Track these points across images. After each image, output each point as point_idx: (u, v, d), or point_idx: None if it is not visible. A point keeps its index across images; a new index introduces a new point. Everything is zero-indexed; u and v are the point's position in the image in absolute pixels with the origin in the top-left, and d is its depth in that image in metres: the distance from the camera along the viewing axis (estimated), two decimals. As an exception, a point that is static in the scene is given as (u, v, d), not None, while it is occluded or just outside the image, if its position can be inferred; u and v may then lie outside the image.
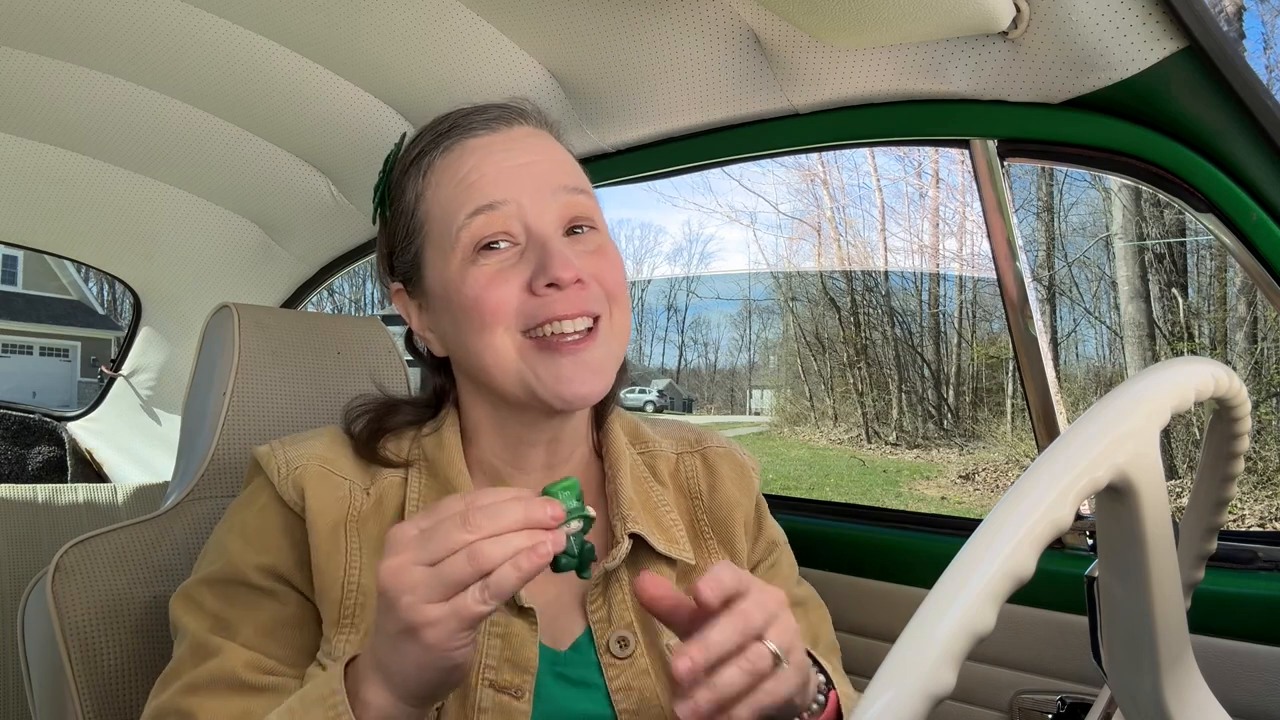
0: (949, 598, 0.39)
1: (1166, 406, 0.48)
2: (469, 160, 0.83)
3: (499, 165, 0.83)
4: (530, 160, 0.84)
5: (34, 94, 1.54)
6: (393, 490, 0.85)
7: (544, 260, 0.79)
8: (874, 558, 1.33)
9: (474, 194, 0.81)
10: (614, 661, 0.82)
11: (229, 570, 0.81)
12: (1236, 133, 0.97)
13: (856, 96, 1.25)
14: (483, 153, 0.84)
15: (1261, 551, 1.05)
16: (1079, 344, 13.09)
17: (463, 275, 0.81)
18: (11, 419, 2.50)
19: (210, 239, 2.13)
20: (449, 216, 0.82)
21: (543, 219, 0.81)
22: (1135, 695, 0.55)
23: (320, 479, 0.83)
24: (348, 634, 0.78)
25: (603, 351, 0.83)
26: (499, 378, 0.82)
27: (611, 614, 0.84)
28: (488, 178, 0.82)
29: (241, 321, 1.15)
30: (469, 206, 0.81)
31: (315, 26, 1.34)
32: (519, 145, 0.85)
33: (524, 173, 0.82)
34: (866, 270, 15.70)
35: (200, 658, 0.78)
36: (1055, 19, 0.99)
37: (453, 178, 0.83)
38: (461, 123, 0.86)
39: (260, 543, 0.82)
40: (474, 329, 0.81)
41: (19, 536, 1.92)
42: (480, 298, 0.80)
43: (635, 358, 23.13)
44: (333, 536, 0.81)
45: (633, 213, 24.43)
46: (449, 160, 0.84)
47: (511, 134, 0.86)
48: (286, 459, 0.85)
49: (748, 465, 1.00)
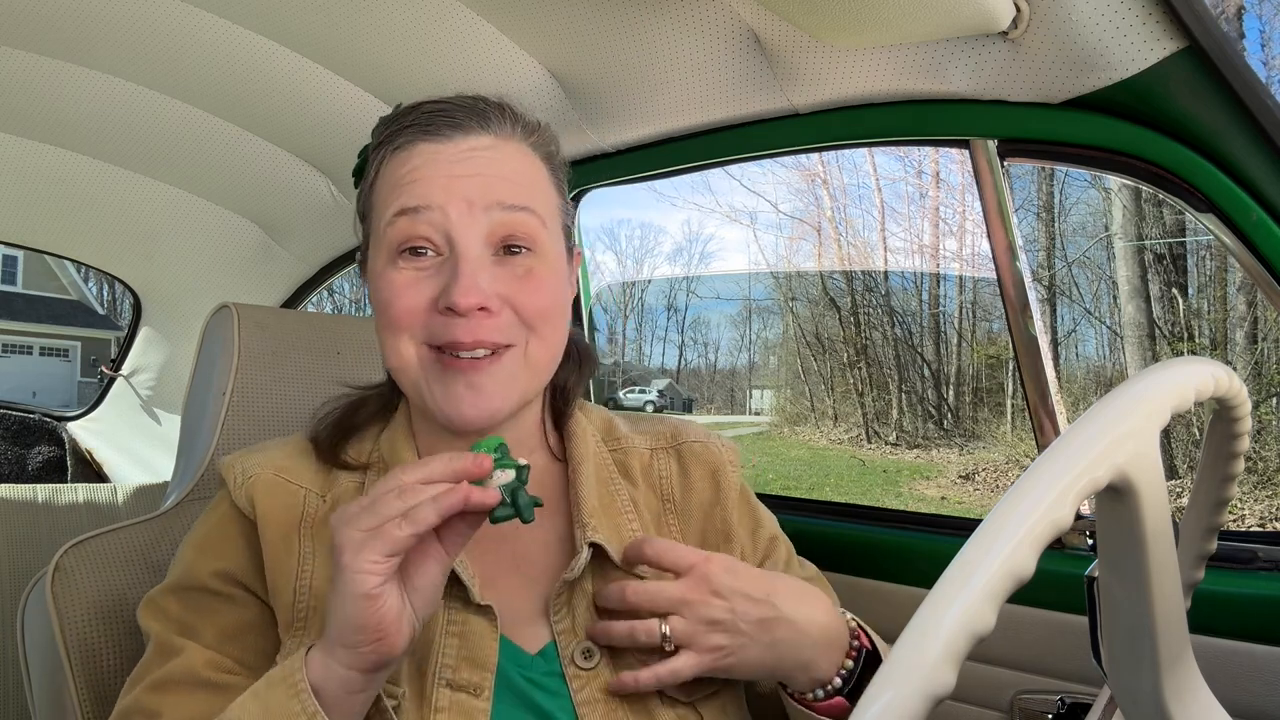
0: (949, 598, 0.39)
1: (1166, 406, 0.48)
2: (414, 160, 0.81)
3: (438, 172, 0.80)
4: (473, 173, 0.80)
5: (34, 94, 1.54)
6: (348, 495, 0.85)
7: (450, 281, 0.77)
8: (874, 558, 1.33)
9: (404, 195, 0.80)
10: (578, 673, 0.80)
11: (188, 578, 0.83)
12: (1236, 133, 0.97)
13: (856, 96, 1.25)
14: (429, 156, 0.81)
15: (1261, 551, 1.05)
16: (1079, 344, 13.09)
17: (382, 274, 0.81)
18: (11, 419, 2.50)
19: (210, 239, 2.13)
20: (381, 212, 0.82)
21: (466, 234, 0.78)
22: (1135, 695, 0.55)
23: (272, 487, 0.84)
24: (300, 636, 0.78)
25: (503, 378, 0.80)
26: (404, 382, 0.83)
27: (575, 624, 0.82)
28: (422, 182, 0.80)
29: (241, 321, 1.15)
30: (395, 206, 0.80)
31: (315, 26, 1.34)
32: (470, 156, 0.81)
33: (461, 184, 0.79)
34: (866, 270, 15.70)
35: (164, 657, 0.79)
36: (1055, 19, 0.99)
37: (394, 174, 0.82)
38: (422, 120, 0.82)
39: (217, 550, 0.83)
40: (384, 330, 0.81)
41: (19, 536, 1.92)
42: (390, 302, 0.79)
43: (635, 358, 23.12)
44: (284, 542, 0.81)
45: (633, 213, 24.54)
46: (398, 157, 0.82)
47: (467, 143, 0.81)
48: (243, 468, 0.86)
49: (723, 461, 0.96)
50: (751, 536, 0.96)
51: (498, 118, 0.84)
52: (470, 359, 0.78)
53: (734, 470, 0.97)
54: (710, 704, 0.84)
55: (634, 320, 23.95)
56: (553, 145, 0.90)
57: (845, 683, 0.83)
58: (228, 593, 0.82)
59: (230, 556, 0.83)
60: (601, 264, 25.66)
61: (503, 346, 0.79)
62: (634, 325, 23.83)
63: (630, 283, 24.57)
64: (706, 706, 0.83)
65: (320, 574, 0.80)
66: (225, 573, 0.82)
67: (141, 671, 0.80)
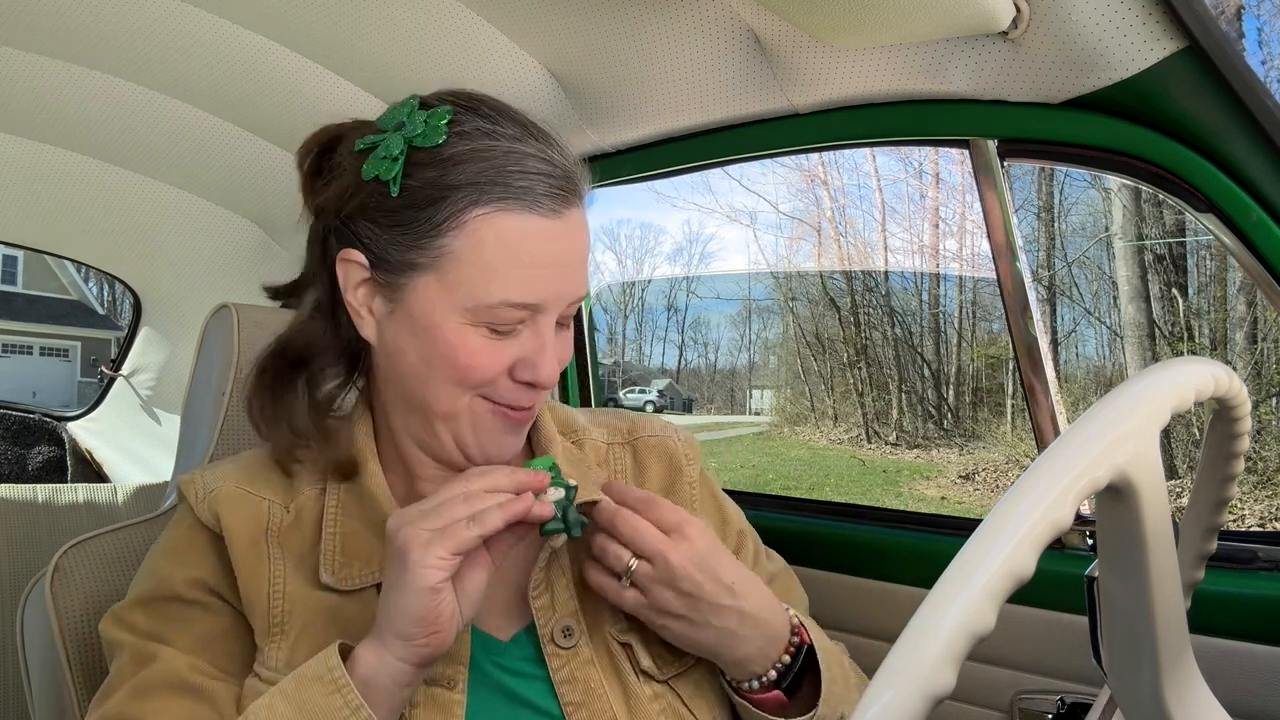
0: (949, 598, 0.39)
1: (1166, 406, 0.48)
2: (529, 241, 0.76)
3: (552, 262, 0.77)
4: (573, 261, 0.79)
5: (34, 94, 1.54)
6: (310, 504, 0.85)
7: (537, 359, 0.79)
8: (874, 558, 1.33)
9: (519, 286, 0.76)
10: (558, 651, 0.81)
11: (159, 588, 0.81)
12: (1236, 133, 0.97)
13: (856, 96, 1.25)
14: (541, 242, 0.76)
15: (1261, 551, 1.05)
16: (1079, 344, 13.08)
17: (458, 331, 0.77)
18: (11, 419, 2.50)
19: (210, 239, 2.13)
20: (478, 279, 0.75)
21: (551, 319, 0.79)
22: (1135, 695, 0.55)
23: (235, 499, 0.84)
24: (278, 641, 0.78)
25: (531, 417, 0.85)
26: (435, 421, 0.82)
27: (555, 601, 0.84)
28: (538, 276, 0.76)
29: (241, 321, 1.15)
30: (508, 295, 0.75)
31: (315, 26, 1.34)
32: (572, 239, 0.79)
33: (565, 274, 0.78)
34: (866, 270, 15.69)
35: (140, 664, 0.78)
36: (1055, 19, 0.99)
37: (502, 242, 0.75)
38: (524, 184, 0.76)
39: (188, 558, 0.83)
40: (438, 378, 0.79)
41: (19, 536, 1.92)
42: (465, 363, 0.77)
43: (635, 358, 23.11)
44: (254, 550, 0.81)
45: (633, 213, 24.49)
46: (504, 221, 0.75)
47: (570, 221, 0.79)
48: (204, 483, 0.85)
49: (679, 455, 0.97)
50: (720, 531, 0.97)
51: (579, 186, 0.81)
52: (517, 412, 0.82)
53: (691, 464, 0.97)
54: (684, 681, 0.85)
55: (634, 320, 23.97)
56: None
57: (781, 677, 0.84)
58: (203, 601, 0.81)
59: (202, 565, 0.82)
60: (601, 264, 25.66)
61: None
62: (634, 325, 23.85)
63: (630, 283, 24.57)
64: (681, 683, 0.85)
65: (293, 580, 0.80)
66: (198, 580, 0.81)
67: (115, 681, 0.78)
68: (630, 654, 0.84)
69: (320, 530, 0.83)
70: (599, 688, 0.81)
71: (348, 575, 0.81)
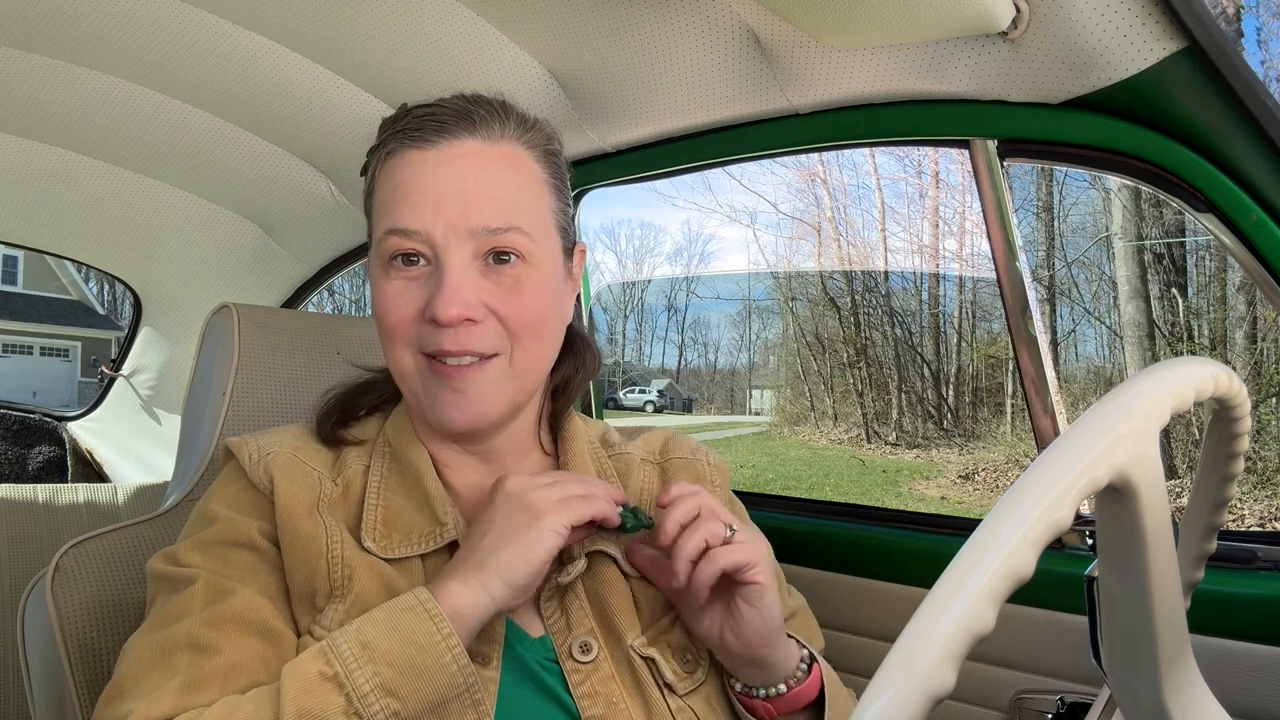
0: (949, 598, 0.39)
1: (1166, 406, 0.48)
2: (401, 172, 0.82)
3: (424, 188, 0.80)
4: (457, 189, 0.80)
5: (34, 94, 1.54)
6: (357, 479, 0.87)
7: (434, 294, 0.79)
8: (874, 558, 1.33)
9: (393, 214, 0.81)
10: (577, 666, 0.81)
11: (227, 533, 0.81)
12: (1236, 133, 0.97)
13: (856, 96, 1.25)
14: (415, 167, 0.81)
15: (1261, 551, 1.05)
16: (1079, 344, 13.08)
17: (378, 282, 0.83)
18: (12, 419, 2.50)
19: (210, 239, 2.13)
20: (376, 223, 0.84)
21: (450, 253, 0.79)
22: (1135, 695, 0.55)
23: (290, 464, 0.84)
24: (338, 604, 0.78)
25: (489, 385, 0.82)
26: (403, 387, 0.86)
27: (569, 621, 0.84)
28: (410, 199, 0.80)
29: (241, 321, 1.15)
30: (387, 223, 0.81)
31: (315, 26, 1.34)
32: (453, 167, 0.81)
33: (445, 204, 0.79)
34: (866, 270, 15.69)
35: (216, 596, 0.76)
36: (1055, 19, 0.99)
37: (387, 184, 0.83)
38: (411, 125, 0.83)
39: (254, 512, 0.83)
40: (383, 336, 0.84)
41: (19, 536, 1.92)
42: (384, 312, 0.82)
43: (635, 358, 23.12)
44: (310, 515, 0.81)
45: (633, 213, 24.50)
46: (389, 165, 0.83)
47: (451, 150, 0.81)
48: (259, 446, 0.86)
49: (706, 479, 0.97)
50: None
51: (485, 119, 0.83)
52: (456, 365, 0.81)
53: (719, 489, 0.98)
54: (696, 696, 0.85)
55: (634, 320, 23.97)
56: (553, 142, 0.89)
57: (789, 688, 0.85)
58: (270, 553, 0.81)
59: (268, 520, 0.82)
60: (601, 264, 25.66)
61: (488, 355, 0.81)
62: (634, 325, 23.85)
63: (630, 283, 24.59)
64: (694, 699, 0.84)
65: (349, 545, 0.80)
66: (268, 533, 0.81)
67: (179, 609, 0.76)
68: (654, 668, 0.84)
69: (363, 503, 0.85)
70: (620, 702, 0.80)
71: (388, 545, 0.82)
